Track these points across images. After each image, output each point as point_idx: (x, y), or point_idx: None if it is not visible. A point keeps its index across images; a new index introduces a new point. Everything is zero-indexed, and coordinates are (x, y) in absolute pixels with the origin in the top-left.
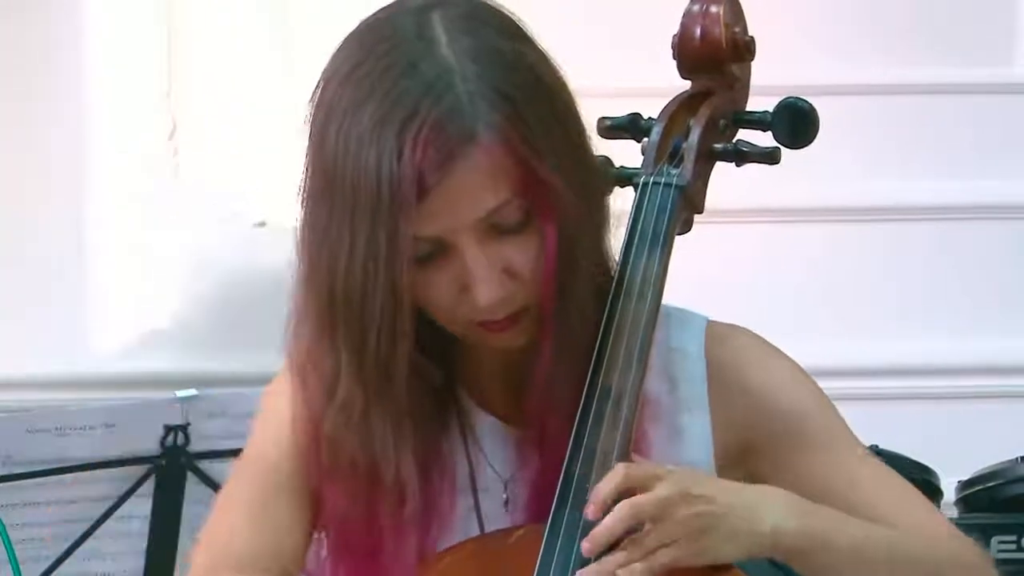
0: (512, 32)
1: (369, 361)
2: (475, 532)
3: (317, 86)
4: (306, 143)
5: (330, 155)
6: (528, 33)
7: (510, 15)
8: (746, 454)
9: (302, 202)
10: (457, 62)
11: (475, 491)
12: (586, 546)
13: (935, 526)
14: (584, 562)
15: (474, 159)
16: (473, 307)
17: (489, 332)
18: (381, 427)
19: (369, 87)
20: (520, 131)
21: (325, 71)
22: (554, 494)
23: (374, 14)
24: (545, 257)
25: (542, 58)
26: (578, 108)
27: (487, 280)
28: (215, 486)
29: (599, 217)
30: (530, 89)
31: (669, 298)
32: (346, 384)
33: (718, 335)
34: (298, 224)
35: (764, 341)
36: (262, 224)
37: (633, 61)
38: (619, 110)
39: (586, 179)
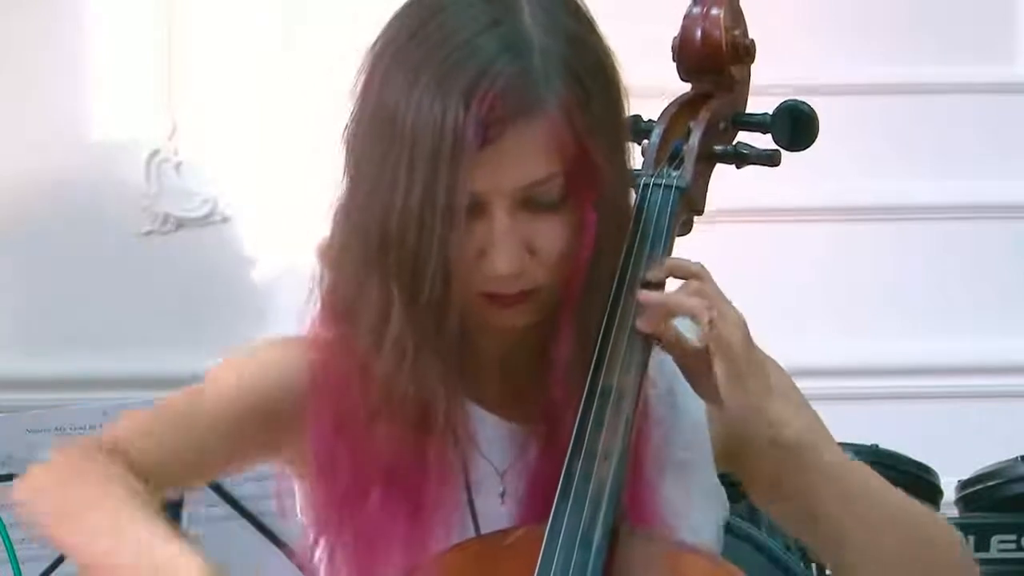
0: (583, 18)
1: (423, 302)
2: (469, 523)
3: (388, 28)
4: (362, 81)
5: (392, 96)
6: (596, 25)
7: (582, 3)
8: (733, 448)
9: (350, 143)
10: (535, 32)
11: (468, 484)
12: (652, 271)
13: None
14: (583, 561)
15: (535, 126)
16: (487, 275)
17: (494, 306)
18: (434, 368)
19: (446, 35)
20: (584, 113)
21: (396, 17)
22: (550, 486)
23: None
24: (583, 243)
25: (607, 50)
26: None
27: (508, 249)
28: (215, 485)
29: (627, 213)
30: (597, 77)
31: None
32: (397, 322)
33: None
34: (344, 165)
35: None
36: (260, 224)
37: (633, 63)
38: None
39: (625, 175)
